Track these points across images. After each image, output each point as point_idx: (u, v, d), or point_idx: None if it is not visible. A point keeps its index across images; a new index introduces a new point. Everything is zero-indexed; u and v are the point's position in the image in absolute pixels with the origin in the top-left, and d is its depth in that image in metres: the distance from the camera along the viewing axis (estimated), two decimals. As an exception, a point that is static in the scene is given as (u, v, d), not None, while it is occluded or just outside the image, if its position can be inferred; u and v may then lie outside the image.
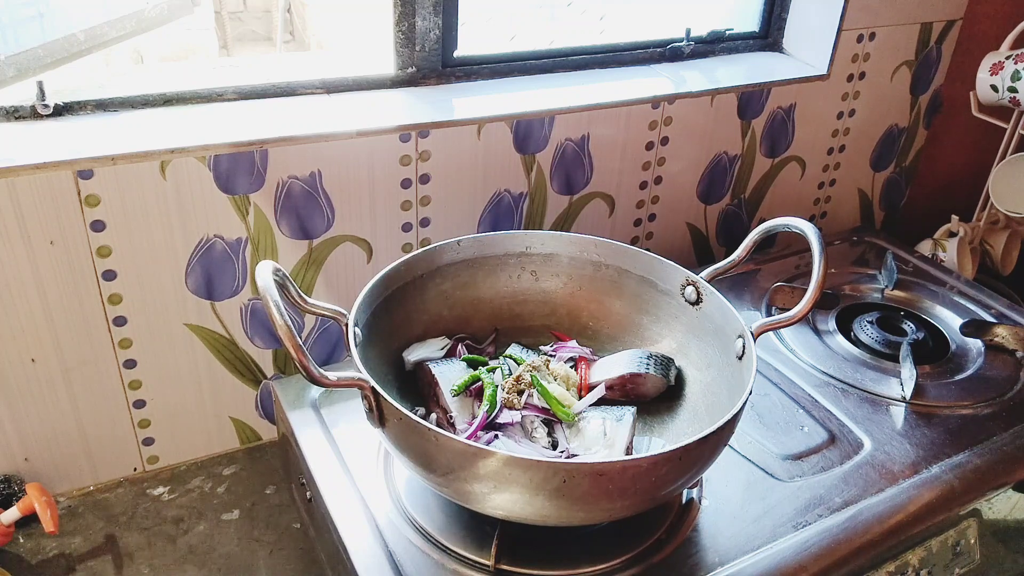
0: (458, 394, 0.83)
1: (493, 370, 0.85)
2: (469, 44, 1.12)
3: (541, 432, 0.80)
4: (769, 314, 1.15)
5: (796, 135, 1.37)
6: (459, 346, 0.92)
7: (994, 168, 1.40)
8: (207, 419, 1.04)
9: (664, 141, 1.22)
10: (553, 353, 0.92)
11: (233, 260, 0.96)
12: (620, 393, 0.88)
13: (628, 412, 0.81)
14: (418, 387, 0.88)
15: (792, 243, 1.32)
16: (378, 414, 0.70)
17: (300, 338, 0.77)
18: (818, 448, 0.92)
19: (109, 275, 0.90)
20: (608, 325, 0.97)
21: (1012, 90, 1.31)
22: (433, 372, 0.84)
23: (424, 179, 1.04)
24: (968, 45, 1.47)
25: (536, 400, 0.82)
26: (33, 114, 0.90)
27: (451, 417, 0.82)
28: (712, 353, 0.87)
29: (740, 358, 0.80)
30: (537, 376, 0.83)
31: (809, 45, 1.35)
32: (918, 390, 1.01)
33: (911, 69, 1.45)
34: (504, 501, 0.68)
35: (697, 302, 0.88)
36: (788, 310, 0.81)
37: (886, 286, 1.22)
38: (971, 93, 1.40)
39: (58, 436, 0.95)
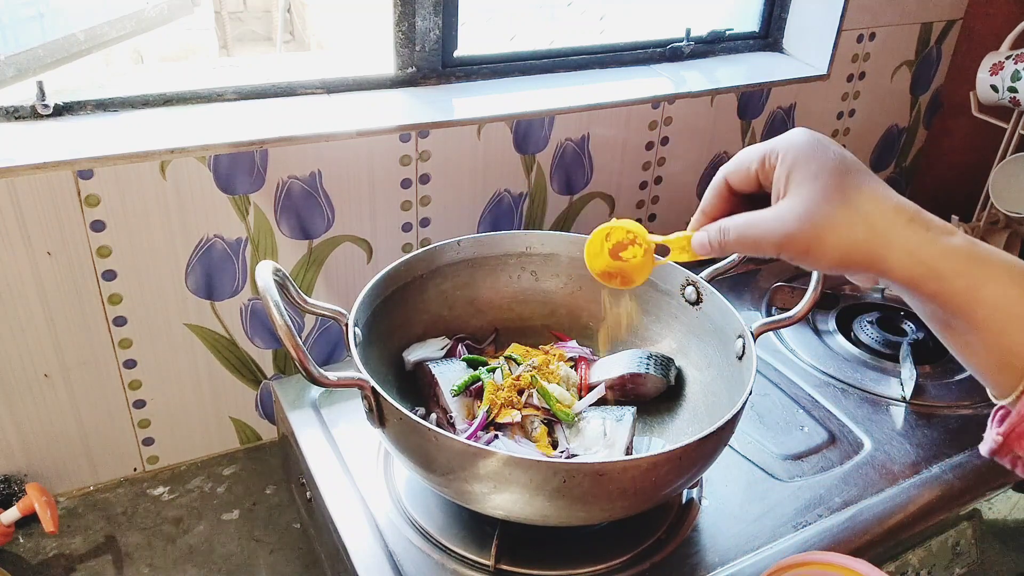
0: (458, 394, 0.83)
1: (493, 370, 0.85)
2: (469, 44, 1.12)
3: (541, 432, 0.80)
4: (769, 314, 1.15)
5: (796, 135, 1.37)
6: (459, 346, 0.92)
7: (994, 168, 1.40)
8: (207, 419, 1.04)
9: (664, 141, 1.22)
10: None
11: (233, 260, 0.96)
12: (620, 393, 0.88)
13: (628, 412, 0.81)
14: (418, 387, 0.88)
15: (792, 243, 1.32)
16: (378, 414, 0.70)
17: (300, 338, 0.77)
18: (818, 448, 0.92)
19: (109, 275, 0.90)
20: (608, 325, 0.97)
21: (1012, 90, 1.30)
22: (433, 372, 0.84)
23: (424, 179, 1.04)
24: (968, 45, 1.46)
25: (536, 400, 0.82)
26: (33, 114, 0.90)
27: (451, 417, 0.82)
28: (712, 353, 0.87)
29: (740, 358, 0.80)
30: (537, 376, 0.83)
31: (809, 45, 1.35)
32: (918, 390, 1.01)
33: (911, 69, 1.45)
34: (504, 501, 0.68)
35: (697, 302, 0.88)
36: (788, 310, 0.81)
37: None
38: (971, 93, 1.40)
39: (58, 436, 0.95)
